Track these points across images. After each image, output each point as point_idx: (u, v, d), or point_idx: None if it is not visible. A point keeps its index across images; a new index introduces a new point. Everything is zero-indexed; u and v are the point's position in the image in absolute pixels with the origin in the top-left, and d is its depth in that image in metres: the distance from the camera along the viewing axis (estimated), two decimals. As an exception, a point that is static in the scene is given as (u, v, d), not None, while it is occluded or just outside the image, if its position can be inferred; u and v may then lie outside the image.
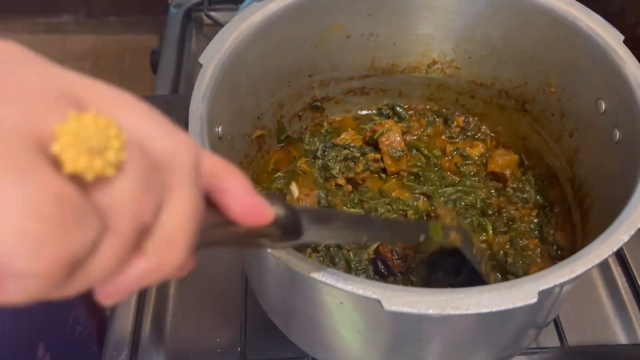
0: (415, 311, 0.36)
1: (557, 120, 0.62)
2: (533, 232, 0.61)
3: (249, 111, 0.61)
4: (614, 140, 0.52)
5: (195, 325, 0.63)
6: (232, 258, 0.67)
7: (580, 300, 0.64)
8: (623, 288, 0.66)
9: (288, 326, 0.55)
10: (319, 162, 0.66)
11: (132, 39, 2.23)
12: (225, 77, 0.52)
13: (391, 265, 0.56)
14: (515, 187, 0.64)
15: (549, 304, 0.47)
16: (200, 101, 0.49)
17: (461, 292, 0.37)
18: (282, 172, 0.66)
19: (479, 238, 0.59)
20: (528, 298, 0.37)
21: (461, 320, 0.43)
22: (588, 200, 0.58)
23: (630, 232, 0.41)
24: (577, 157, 0.60)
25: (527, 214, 0.62)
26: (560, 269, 0.39)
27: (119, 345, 0.60)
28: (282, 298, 0.51)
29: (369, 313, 0.43)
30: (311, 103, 0.68)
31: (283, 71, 0.62)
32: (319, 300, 0.45)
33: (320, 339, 0.52)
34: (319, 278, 0.38)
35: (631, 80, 0.50)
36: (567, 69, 0.58)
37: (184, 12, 0.97)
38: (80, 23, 2.34)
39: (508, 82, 0.65)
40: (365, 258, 0.57)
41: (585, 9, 0.55)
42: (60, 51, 2.25)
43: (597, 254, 0.40)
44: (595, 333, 0.62)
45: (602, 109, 0.54)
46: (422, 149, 0.68)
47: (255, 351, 0.59)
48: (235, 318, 0.60)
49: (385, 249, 0.57)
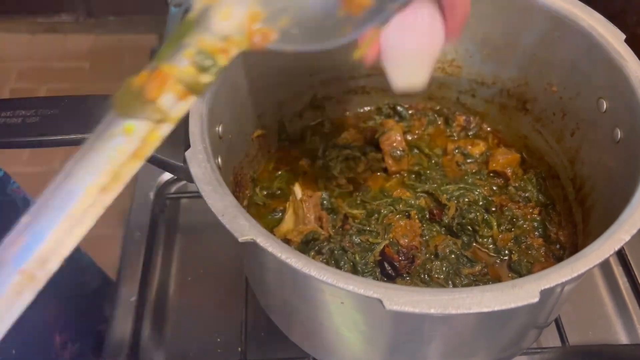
0: (417, 310, 0.36)
1: (559, 120, 0.62)
2: (537, 230, 0.61)
3: (249, 110, 0.60)
4: (615, 139, 0.52)
5: (196, 325, 0.63)
6: (232, 258, 0.67)
7: (582, 300, 0.64)
8: (624, 288, 0.66)
9: (289, 326, 0.55)
10: (320, 162, 0.66)
11: (131, 38, 2.23)
12: (226, 76, 0.52)
13: (398, 267, 0.56)
14: (517, 186, 0.64)
15: (550, 303, 0.47)
16: (201, 100, 0.49)
17: (463, 291, 0.37)
18: (283, 171, 0.66)
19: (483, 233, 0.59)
20: (530, 297, 0.37)
21: (463, 319, 0.43)
22: (589, 199, 0.58)
23: (632, 231, 0.41)
24: (578, 156, 0.60)
25: (529, 212, 0.62)
26: (562, 269, 0.39)
27: (119, 345, 0.60)
28: (282, 298, 0.51)
29: (370, 313, 0.43)
30: (312, 102, 0.68)
31: (283, 70, 0.62)
32: (319, 300, 0.45)
33: (321, 339, 0.52)
34: (320, 277, 0.38)
35: (633, 79, 0.50)
36: (569, 68, 0.58)
37: (184, 11, 0.97)
38: (80, 22, 2.34)
39: (509, 82, 0.65)
40: (371, 260, 0.56)
41: (586, 8, 0.55)
42: (60, 51, 2.25)
43: (599, 254, 0.40)
44: (597, 333, 0.62)
45: (603, 108, 0.54)
46: (423, 148, 0.67)
47: (255, 351, 0.59)
48: (236, 318, 0.60)
49: (390, 250, 0.57)
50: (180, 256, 0.69)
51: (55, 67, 2.18)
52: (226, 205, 0.41)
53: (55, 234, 0.26)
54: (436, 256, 0.57)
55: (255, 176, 0.65)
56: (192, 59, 0.27)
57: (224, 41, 0.26)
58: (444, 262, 0.57)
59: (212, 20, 0.26)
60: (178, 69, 0.27)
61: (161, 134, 0.28)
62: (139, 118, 0.27)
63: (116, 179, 0.27)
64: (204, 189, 0.43)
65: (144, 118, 0.27)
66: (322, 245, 0.57)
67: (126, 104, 0.27)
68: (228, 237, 0.40)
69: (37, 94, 2.03)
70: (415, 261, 0.57)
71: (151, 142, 0.27)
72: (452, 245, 0.58)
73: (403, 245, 0.57)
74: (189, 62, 0.27)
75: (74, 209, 0.26)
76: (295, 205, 0.60)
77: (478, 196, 0.62)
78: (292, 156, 0.67)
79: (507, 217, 0.61)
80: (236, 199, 0.43)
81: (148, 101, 0.27)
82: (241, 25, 0.26)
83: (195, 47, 0.27)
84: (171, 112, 0.27)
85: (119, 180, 0.28)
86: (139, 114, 0.27)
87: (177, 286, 0.66)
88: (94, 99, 0.56)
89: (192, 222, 0.72)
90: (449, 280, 0.56)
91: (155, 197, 0.71)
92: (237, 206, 0.42)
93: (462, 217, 0.59)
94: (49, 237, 0.26)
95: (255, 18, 0.26)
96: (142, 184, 0.72)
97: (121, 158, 0.27)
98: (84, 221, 0.27)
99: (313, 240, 0.57)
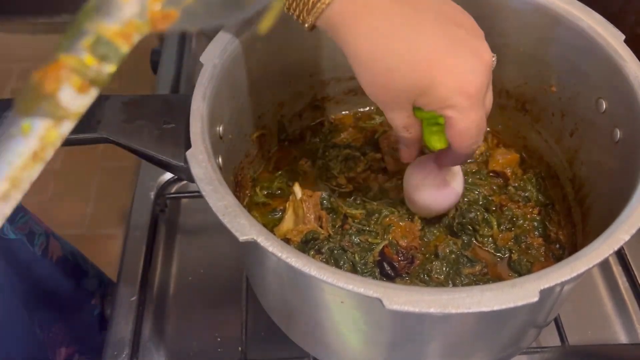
0: (417, 310, 0.36)
1: (558, 120, 0.62)
2: (537, 229, 0.61)
3: (249, 111, 0.61)
4: (614, 139, 0.52)
5: (196, 325, 0.63)
6: (232, 258, 0.67)
7: (581, 299, 0.64)
8: (624, 287, 0.66)
9: (289, 326, 0.55)
10: (320, 162, 0.66)
11: (132, 39, 2.23)
12: (226, 76, 0.52)
13: (397, 267, 0.56)
14: (516, 186, 0.64)
15: (550, 303, 0.47)
16: (201, 101, 0.49)
17: (462, 290, 0.37)
18: (283, 171, 0.66)
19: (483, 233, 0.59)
20: (529, 297, 0.37)
21: (462, 319, 0.43)
22: (589, 199, 0.58)
23: (631, 231, 0.41)
24: (577, 156, 0.60)
25: (529, 212, 0.62)
26: (561, 268, 0.39)
27: (119, 345, 0.60)
28: (282, 297, 0.51)
29: (370, 312, 0.43)
30: (312, 103, 0.68)
31: (284, 71, 0.62)
32: (319, 300, 0.45)
33: (321, 339, 0.52)
34: (319, 277, 0.38)
35: (632, 79, 0.50)
36: (568, 69, 0.58)
37: None
38: (80, 23, 2.33)
39: (508, 82, 0.65)
40: (370, 260, 0.57)
41: (585, 9, 0.55)
42: (60, 51, 2.25)
43: (598, 253, 0.40)
44: (596, 332, 0.62)
45: (602, 109, 0.54)
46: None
47: (256, 351, 0.59)
48: (236, 318, 0.60)
49: (390, 250, 0.57)
50: (181, 256, 0.69)
51: (55, 68, 2.17)
52: (227, 205, 0.42)
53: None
54: (436, 256, 0.57)
55: (256, 176, 0.65)
56: (91, 47, 0.25)
57: (124, 26, 0.24)
58: (444, 262, 0.57)
59: (112, 4, 0.24)
60: (76, 59, 0.25)
61: (62, 132, 0.25)
62: (37, 115, 0.24)
63: (15, 185, 0.25)
64: (205, 189, 0.43)
65: (42, 115, 0.24)
66: (321, 245, 0.57)
67: (25, 101, 0.25)
68: (228, 236, 0.41)
69: (37, 94, 2.02)
70: (415, 261, 0.57)
71: (51, 141, 0.25)
72: (452, 245, 0.58)
73: (402, 246, 0.58)
74: (88, 51, 0.25)
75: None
76: (295, 205, 0.60)
77: (478, 196, 0.62)
78: (292, 156, 0.68)
79: (507, 216, 0.61)
80: (237, 198, 0.43)
81: (45, 96, 0.24)
82: (142, 8, 0.24)
83: (95, 34, 0.24)
84: (71, 107, 0.25)
85: (18, 186, 0.25)
86: (37, 111, 0.24)
87: (177, 286, 0.66)
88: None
89: (192, 222, 0.72)
90: (449, 280, 0.56)
91: (155, 197, 0.71)
92: (237, 206, 0.42)
93: (462, 217, 0.59)
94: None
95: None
96: (142, 184, 0.72)
97: (19, 161, 0.25)
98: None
99: (313, 240, 0.57)
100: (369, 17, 0.43)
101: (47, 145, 0.25)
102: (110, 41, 0.25)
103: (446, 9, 0.46)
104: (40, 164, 0.25)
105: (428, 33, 0.43)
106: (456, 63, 0.43)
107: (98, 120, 0.49)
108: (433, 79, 0.43)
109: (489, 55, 0.46)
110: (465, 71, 0.44)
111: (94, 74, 0.25)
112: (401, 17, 0.43)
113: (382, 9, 0.43)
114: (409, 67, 0.43)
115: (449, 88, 0.43)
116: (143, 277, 0.64)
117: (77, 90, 0.25)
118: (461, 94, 0.43)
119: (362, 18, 0.43)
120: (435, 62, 0.43)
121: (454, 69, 0.43)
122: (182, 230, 0.72)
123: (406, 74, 0.43)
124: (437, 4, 0.45)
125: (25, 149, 0.25)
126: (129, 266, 0.65)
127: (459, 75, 0.43)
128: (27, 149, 0.25)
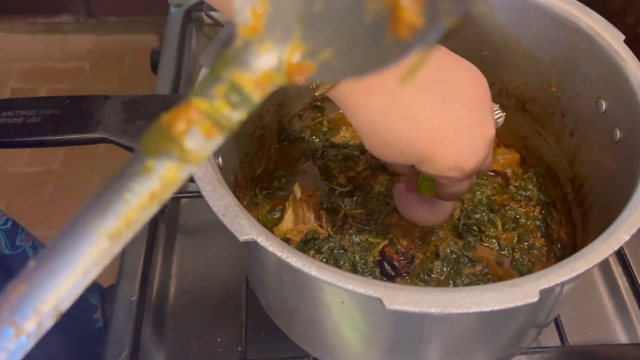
0: (417, 310, 0.36)
1: (558, 120, 0.62)
2: (539, 229, 0.61)
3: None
4: (614, 140, 0.52)
5: (196, 325, 0.63)
6: (232, 258, 0.67)
7: (581, 299, 0.64)
8: (624, 287, 0.66)
9: (289, 326, 0.55)
10: (320, 161, 0.66)
11: (132, 39, 2.24)
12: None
13: (397, 266, 0.56)
14: (517, 186, 0.64)
15: (550, 303, 0.47)
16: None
17: (463, 290, 0.37)
18: (282, 171, 0.66)
19: (489, 233, 0.59)
20: (529, 297, 0.37)
21: (462, 319, 0.43)
22: (589, 199, 0.58)
23: (631, 231, 0.41)
24: (577, 156, 0.60)
25: (531, 211, 0.62)
26: (561, 268, 0.39)
27: (119, 345, 0.60)
28: (282, 297, 0.51)
29: (370, 312, 0.43)
30: (311, 103, 0.68)
31: (284, 71, 0.62)
32: (319, 300, 0.45)
33: (321, 339, 0.52)
34: (320, 277, 0.38)
35: (632, 79, 0.50)
36: (568, 69, 0.58)
37: (184, 12, 0.97)
38: (80, 23, 2.34)
39: (508, 82, 0.65)
40: (370, 260, 0.57)
41: (585, 9, 0.55)
42: (60, 51, 2.25)
43: (598, 253, 0.40)
44: (596, 332, 0.62)
45: (602, 109, 0.54)
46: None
47: (256, 351, 0.59)
48: (236, 318, 0.60)
49: (390, 250, 0.57)
50: (181, 256, 0.69)
51: (55, 68, 2.18)
52: (227, 205, 0.42)
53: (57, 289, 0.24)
54: (437, 256, 0.57)
55: (255, 176, 0.65)
56: (224, 94, 0.24)
57: (260, 76, 0.24)
58: (445, 262, 0.57)
59: (250, 54, 0.24)
60: (208, 104, 0.25)
61: (182, 175, 0.25)
62: (162, 156, 0.24)
63: (129, 225, 0.25)
64: (205, 189, 0.43)
65: (167, 156, 0.24)
66: (321, 245, 0.57)
67: (151, 141, 0.24)
68: (228, 236, 0.41)
69: (37, 94, 2.03)
70: (415, 261, 0.57)
71: (170, 183, 0.24)
72: (453, 245, 0.58)
73: (403, 245, 0.58)
74: (220, 97, 0.25)
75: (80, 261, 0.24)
76: (295, 204, 0.60)
77: (481, 196, 0.62)
78: (292, 156, 0.68)
79: (510, 216, 0.61)
80: (236, 198, 0.43)
81: (173, 137, 0.24)
82: (280, 60, 0.24)
83: (229, 82, 0.24)
84: (196, 150, 0.25)
85: (130, 226, 0.25)
86: (162, 152, 0.24)
87: (177, 286, 0.66)
88: (94, 99, 0.56)
89: (192, 222, 0.72)
90: (449, 280, 0.56)
91: (155, 197, 0.71)
92: (237, 206, 0.42)
93: (467, 218, 0.59)
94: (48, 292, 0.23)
95: (295, 52, 0.24)
96: (143, 184, 0.72)
97: (136, 201, 0.24)
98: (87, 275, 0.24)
99: (312, 240, 0.57)
100: (370, 97, 0.43)
101: (166, 187, 0.25)
102: (244, 90, 0.24)
103: (455, 82, 0.44)
104: (156, 206, 0.25)
105: (429, 112, 0.43)
106: (455, 141, 0.43)
107: (98, 120, 0.49)
108: (431, 155, 0.43)
109: (491, 130, 0.46)
110: (463, 150, 0.44)
111: (223, 120, 0.25)
112: (403, 98, 0.43)
113: (386, 89, 0.42)
114: (406, 143, 0.43)
115: (446, 165, 0.43)
116: (143, 277, 0.64)
117: (205, 135, 0.25)
118: (457, 170, 0.44)
119: (364, 97, 0.43)
120: (433, 139, 0.43)
121: (453, 147, 0.43)
122: (182, 230, 0.72)
123: (404, 149, 0.44)
124: (446, 78, 0.44)
125: (144, 189, 0.24)
126: (129, 266, 0.65)
127: (456, 153, 0.43)
128: (146, 188, 0.24)
